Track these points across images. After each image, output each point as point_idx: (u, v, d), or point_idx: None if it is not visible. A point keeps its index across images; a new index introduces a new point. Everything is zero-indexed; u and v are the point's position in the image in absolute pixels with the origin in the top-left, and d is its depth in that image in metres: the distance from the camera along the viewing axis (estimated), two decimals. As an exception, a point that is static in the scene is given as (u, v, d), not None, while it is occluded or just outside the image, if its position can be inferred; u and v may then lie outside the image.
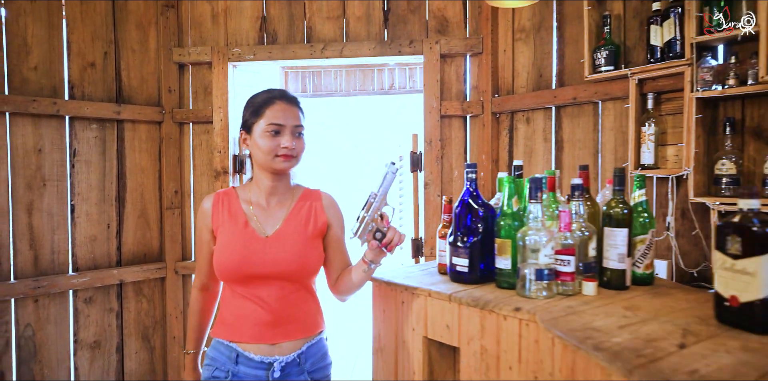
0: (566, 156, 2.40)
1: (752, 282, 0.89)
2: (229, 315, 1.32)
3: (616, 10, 2.17)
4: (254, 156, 1.33)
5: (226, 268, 1.30)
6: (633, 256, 1.30)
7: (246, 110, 1.35)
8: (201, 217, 1.38)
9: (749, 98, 1.79)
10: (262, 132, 1.29)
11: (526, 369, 1.08)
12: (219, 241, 1.32)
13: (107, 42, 2.67)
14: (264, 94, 1.35)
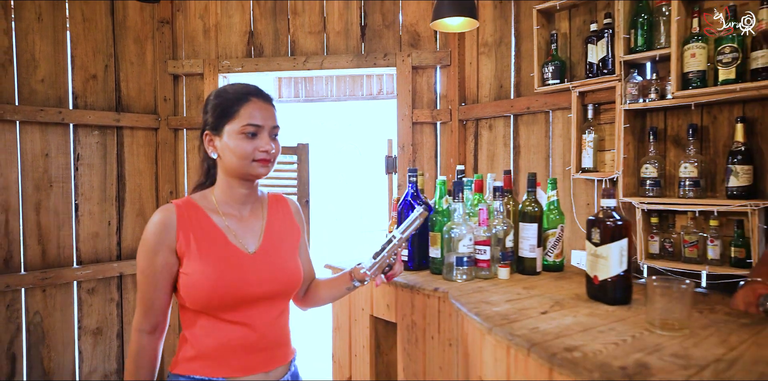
0: (522, 160, 2.64)
1: (606, 264, 1.14)
2: (208, 347, 1.10)
3: (562, 29, 2.42)
4: (225, 160, 1.14)
5: (215, 294, 1.09)
6: (544, 247, 1.55)
7: (213, 108, 1.15)
8: (158, 236, 1.09)
9: (670, 110, 2.03)
10: (237, 134, 1.11)
11: (443, 337, 1.33)
12: (195, 264, 1.09)
13: (108, 56, 2.93)
14: (236, 90, 1.16)
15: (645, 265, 2.06)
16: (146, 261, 1.10)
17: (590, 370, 0.76)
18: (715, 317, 1.04)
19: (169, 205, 1.15)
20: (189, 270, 1.10)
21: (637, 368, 0.76)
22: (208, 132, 1.17)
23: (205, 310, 1.11)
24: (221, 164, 1.17)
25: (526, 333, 0.94)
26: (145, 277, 1.11)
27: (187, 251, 1.10)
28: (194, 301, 1.09)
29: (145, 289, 1.11)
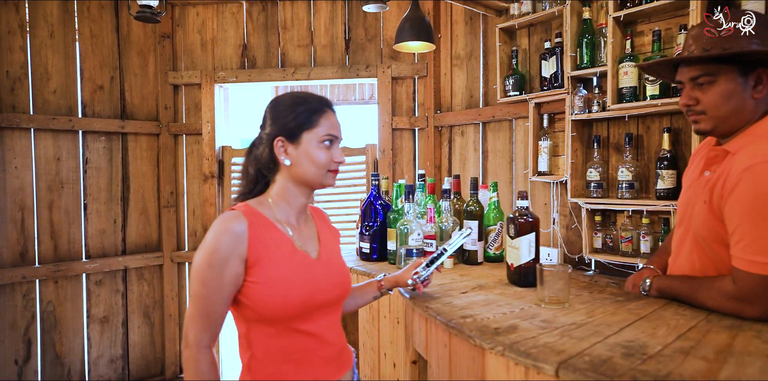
0: (490, 164, 2.89)
1: (518, 254, 1.39)
2: (287, 362, 1.07)
3: (522, 45, 2.66)
4: (299, 168, 1.12)
5: (290, 302, 1.06)
6: (486, 241, 1.80)
7: (290, 114, 1.12)
8: (230, 246, 1.03)
9: (611, 120, 2.28)
10: (317, 143, 1.11)
11: (392, 316, 1.58)
12: (268, 272, 1.06)
13: (113, 68, 3.20)
14: (314, 100, 1.15)
15: (591, 258, 2.31)
16: (213, 272, 1.01)
17: (471, 329, 1.01)
18: (599, 296, 1.29)
19: (236, 212, 1.07)
20: (261, 279, 1.04)
21: (506, 329, 1.01)
22: (282, 139, 1.12)
23: (277, 320, 1.06)
24: (290, 172, 1.13)
25: (439, 307, 1.19)
26: (210, 290, 1.02)
27: (258, 260, 1.05)
28: (268, 309, 1.04)
29: (209, 302, 1.02)
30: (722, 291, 1.07)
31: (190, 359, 1.02)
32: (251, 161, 1.17)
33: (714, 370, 0.78)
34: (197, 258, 1.04)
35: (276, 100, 1.17)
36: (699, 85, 1.15)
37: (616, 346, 0.89)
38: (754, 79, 1.12)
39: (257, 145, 1.17)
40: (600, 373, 0.78)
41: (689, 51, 1.17)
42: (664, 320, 1.05)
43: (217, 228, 1.05)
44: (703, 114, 1.16)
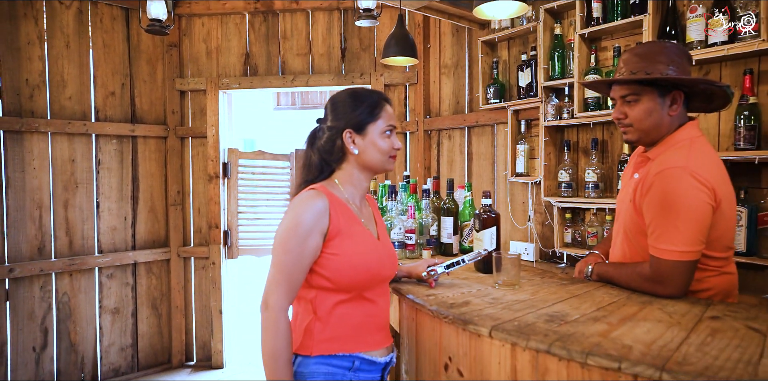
0: (474, 165, 3.11)
1: (482, 244, 1.60)
2: (346, 325, 1.20)
3: (503, 57, 2.88)
4: (366, 156, 1.25)
5: (365, 272, 1.20)
6: (461, 235, 2.01)
7: (355, 109, 1.25)
8: (314, 221, 1.15)
9: (580, 127, 2.49)
10: (380, 133, 1.25)
11: (376, 300, 1.80)
12: (346, 245, 1.18)
13: (124, 75, 3.42)
14: (373, 96, 1.28)
15: (563, 251, 2.53)
16: (297, 242, 1.13)
17: (432, 304, 1.23)
18: (549, 280, 1.50)
19: (316, 192, 1.20)
20: (339, 251, 1.17)
21: (461, 304, 1.23)
22: (351, 131, 1.24)
23: (346, 289, 1.19)
24: (358, 159, 1.26)
25: (410, 288, 1.41)
26: (293, 257, 1.13)
27: (337, 234, 1.18)
28: (344, 278, 1.17)
29: (292, 270, 1.13)
30: (641, 274, 1.29)
31: (270, 321, 1.12)
32: (315, 151, 1.29)
33: (610, 331, 0.99)
34: (282, 230, 1.16)
35: (337, 97, 1.29)
36: (627, 102, 1.36)
37: (543, 315, 1.11)
38: (670, 99, 1.33)
39: (319, 137, 1.29)
40: (521, 332, 0.99)
41: (620, 73, 1.38)
42: (593, 298, 1.27)
43: (301, 204, 1.16)
44: (631, 126, 1.37)
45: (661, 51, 1.32)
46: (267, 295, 1.14)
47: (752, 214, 1.88)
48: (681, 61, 1.32)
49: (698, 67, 2.06)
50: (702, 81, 1.31)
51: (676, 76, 1.30)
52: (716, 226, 1.26)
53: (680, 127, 1.35)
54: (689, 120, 1.37)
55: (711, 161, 1.28)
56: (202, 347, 3.63)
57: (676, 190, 1.22)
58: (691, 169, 1.22)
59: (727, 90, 1.32)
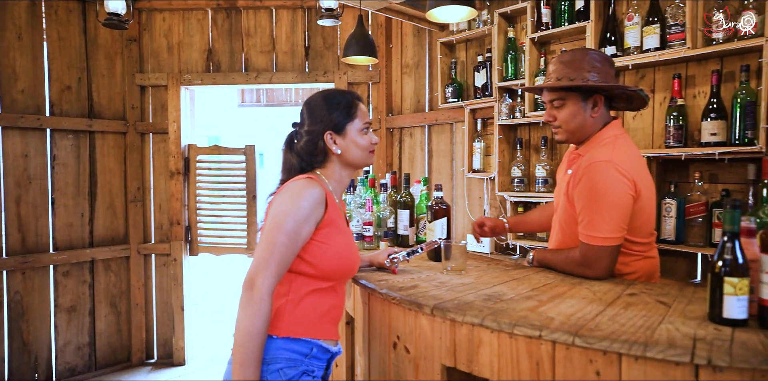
0: (434, 162, 3.22)
1: (433, 234, 1.69)
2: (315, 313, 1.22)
3: (461, 58, 2.99)
4: (348, 154, 1.30)
5: (348, 263, 1.26)
6: (417, 227, 2.10)
7: (333, 111, 1.29)
8: (312, 208, 1.18)
9: (531, 125, 2.63)
10: (359, 131, 1.30)
11: (333, 290, 1.87)
12: (337, 235, 1.23)
13: (81, 69, 3.36)
14: (347, 96, 1.33)
15: (516, 243, 2.66)
16: (295, 225, 1.15)
17: (382, 288, 1.31)
18: (495, 267, 1.61)
19: (314, 181, 1.23)
20: (328, 240, 1.21)
21: (409, 287, 1.31)
22: (331, 132, 1.28)
23: (329, 277, 1.23)
24: (341, 158, 1.31)
25: (364, 275, 1.49)
26: (289, 240, 1.14)
27: (329, 224, 1.22)
28: (328, 267, 1.21)
29: (285, 252, 1.14)
30: (573, 259, 1.41)
31: (253, 301, 1.09)
32: (294, 155, 1.32)
33: (539, 306, 1.10)
34: (281, 211, 1.16)
35: (312, 101, 1.33)
36: (555, 106, 1.49)
37: (482, 295, 1.21)
38: (591, 102, 1.47)
39: (298, 141, 1.33)
40: (459, 309, 1.09)
41: (549, 79, 1.50)
42: (530, 280, 1.38)
43: (302, 190, 1.19)
44: (560, 127, 1.50)
45: (584, 58, 1.45)
46: (254, 274, 1.12)
47: (681, 206, 2.05)
48: (602, 67, 1.45)
49: (635, 71, 2.23)
50: (617, 86, 1.45)
51: (594, 83, 1.42)
52: (639, 215, 1.40)
53: (605, 126, 1.48)
54: (612, 119, 1.51)
55: (632, 156, 1.41)
56: (163, 345, 3.60)
57: (601, 182, 1.34)
58: (614, 162, 1.35)
59: (641, 93, 1.46)
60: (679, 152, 1.98)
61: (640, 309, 1.08)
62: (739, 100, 1.87)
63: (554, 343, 0.95)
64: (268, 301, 1.11)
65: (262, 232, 1.18)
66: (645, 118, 2.21)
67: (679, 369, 0.86)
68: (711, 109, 1.94)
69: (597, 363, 0.92)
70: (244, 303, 1.11)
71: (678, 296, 1.21)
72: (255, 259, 1.15)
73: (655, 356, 0.86)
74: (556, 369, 0.96)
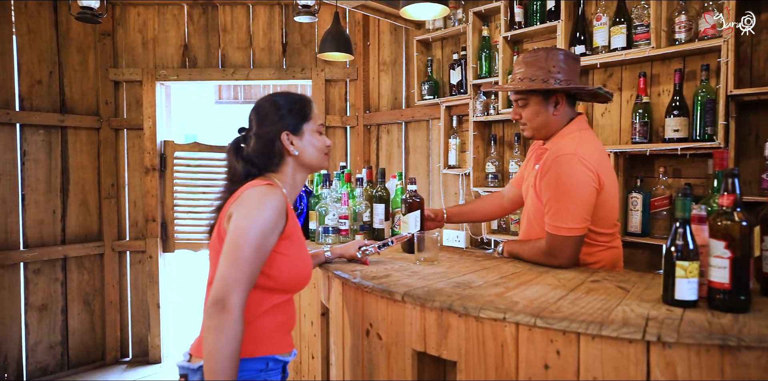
0: (411, 158, 3.26)
1: (407, 227, 1.73)
2: (270, 327, 1.18)
3: (437, 55, 3.04)
4: (305, 156, 1.27)
5: (306, 275, 1.23)
6: (393, 221, 2.14)
7: (289, 112, 1.25)
8: (278, 218, 1.12)
9: (505, 122, 2.69)
10: (314, 132, 1.28)
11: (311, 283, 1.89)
12: (296, 247, 1.20)
13: (52, 63, 3.30)
14: (301, 97, 1.30)
15: (490, 237, 2.72)
16: (263, 239, 1.09)
17: (355, 277, 1.34)
18: (467, 258, 1.65)
19: (276, 188, 1.17)
20: (287, 252, 1.16)
21: (382, 277, 1.35)
22: (288, 132, 1.24)
23: (287, 289, 1.19)
24: (297, 160, 1.27)
25: (338, 266, 1.51)
26: (258, 255, 1.09)
27: (290, 235, 1.17)
28: (289, 279, 1.17)
29: (254, 268, 1.08)
30: (539, 249, 1.46)
31: (229, 323, 1.02)
32: (241, 160, 1.26)
33: (505, 292, 1.14)
34: (248, 224, 1.08)
35: (264, 103, 1.28)
36: (520, 105, 1.55)
37: (452, 283, 1.25)
38: (553, 102, 1.53)
39: (248, 145, 1.26)
40: (429, 294, 1.13)
41: (513, 79, 1.56)
42: (499, 269, 1.43)
43: (265, 199, 1.12)
44: (525, 125, 1.56)
45: (547, 58, 1.50)
46: (225, 294, 1.04)
47: (646, 200, 2.13)
48: (566, 66, 1.50)
49: (603, 70, 2.30)
50: (574, 88, 1.51)
51: (552, 86, 1.48)
52: (602, 206, 1.46)
53: (570, 121, 1.55)
54: (577, 115, 1.57)
55: (596, 150, 1.47)
56: (138, 343, 3.57)
57: (567, 175, 1.40)
58: (580, 155, 1.41)
59: (599, 91, 1.53)
60: (645, 148, 2.06)
61: (600, 293, 1.13)
62: (700, 98, 1.95)
63: (517, 324, 0.99)
64: (242, 321, 1.05)
65: (225, 245, 1.09)
66: (613, 115, 2.29)
67: (632, 346, 0.91)
68: (674, 106, 2.02)
69: (557, 343, 0.97)
70: (218, 327, 1.02)
71: (638, 282, 1.27)
72: (222, 277, 1.05)
73: (610, 334, 0.91)
74: (520, 350, 1.01)
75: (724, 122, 1.86)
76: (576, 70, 1.53)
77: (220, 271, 1.07)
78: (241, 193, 1.16)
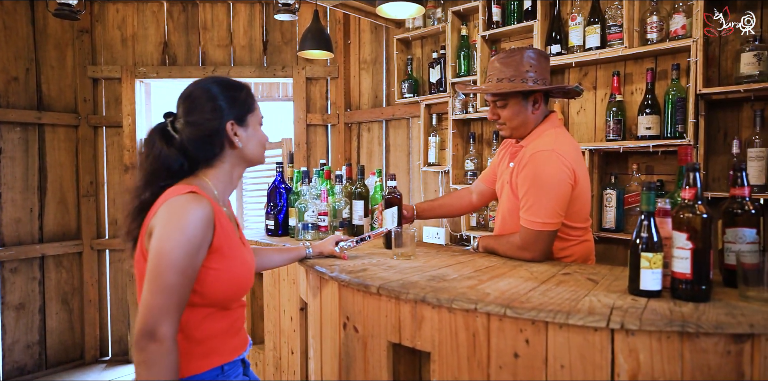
0: (392, 156, 3.28)
1: (386, 222, 1.76)
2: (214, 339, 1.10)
3: (417, 54, 3.07)
4: (248, 148, 1.16)
5: (243, 286, 1.13)
6: (372, 218, 2.16)
7: (236, 99, 1.14)
8: (203, 232, 1.01)
9: (484, 120, 2.73)
10: (257, 124, 1.19)
11: (290, 278, 1.90)
12: (227, 258, 1.08)
13: (29, 60, 3.25)
14: (243, 86, 1.19)
15: (469, 234, 2.76)
16: (190, 259, 0.99)
17: (333, 271, 1.36)
18: (444, 253, 1.68)
19: (197, 196, 1.04)
20: (219, 266, 1.05)
21: (359, 270, 1.37)
22: (233, 122, 1.13)
23: (219, 303, 1.09)
24: (239, 153, 1.16)
25: (316, 261, 1.53)
26: (186, 279, 0.99)
27: (220, 246, 1.06)
28: (219, 293, 1.07)
29: (184, 291, 0.99)
30: (513, 243, 1.50)
31: (161, 354, 0.95)
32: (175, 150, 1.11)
33: (478, 285, 1.17)
34: (169, 245, 0.97)
35: (204, 88, 1.13)
36: (498, 106, 1.58)
37: (427, 276, 1.28)
38: (532, 101, 1.56)
39: (181, 133, 1.12)
40: (403, 287, 1.15)
41: (489, 80, 1.59)
42: (475, 263, 1.46)
43: (187, 212, 1.00)
44: (504, 125, 1.59)
45: (521, 58, 1.53)
46: (153, 324, 0.95)
47: (620, 196, 2.19)
48: (538, 64, 1.54)
49: (578, 69, 2.35)
50: (555, 87, 1.55)
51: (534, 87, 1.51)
52: (576, 201, 1.50)
53: (544, 118, 1.58)
54: (550, 112, 1.61)
55: (572, 146, 1.51)
56: (118, 341, 3.53)
57: (544, 170, 1.43)
58: (557, 152, 1.44)
59: (576, 89, 1.57)
60: (618, 145, 2.11)
61: (570, 285, 1.17)
62: (671, 97, 2.01)
63: (488, 315, 1.02)
64: (175, 348, 0.98)
65: (148, 269, 0.98)
66: (588, 114, 2.35)
67: (597, 334, 0.95)
68: (646, 104, 2.07)
69: (526, 332, 1.00)
70: (149, 360, 0.95)
71: (607, 275, 1.31)
72: (148, 307, 0.96)
73: (576, 323, 0.94)
74: (491, 339, 1.03)
75: (694, 120, 1.92)
76: (548, 68, 1.57)
77: (144, 299, 0.97)
78: (160, 205, 1.03)
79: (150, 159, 1.11)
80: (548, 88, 1.53)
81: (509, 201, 1.59)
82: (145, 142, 1.14)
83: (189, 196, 1.02)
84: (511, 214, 1.58)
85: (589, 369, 0.96)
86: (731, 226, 1.15)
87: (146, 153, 1.13)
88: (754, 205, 1.14)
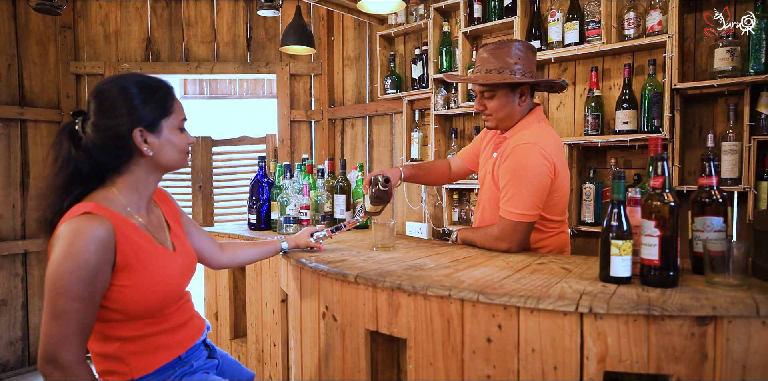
0: (375, 152, 3.30)
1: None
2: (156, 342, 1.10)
3: (399, 50, 3.09)
4: (161, 156, 1.09)
5: (160, 300, 1.09)
6: (354, 212, 2.17)
7: (146, 103, 1.06)
8: (100, 254, 0.97)
9: (465, 115, 2.76)
10: (174, 129, 1.11)
11: (272, 272, 1.91)
12: (138, 275, 1.04)
13: (11, 56, 3.21)
14: (162, 85, 1.12)
15: (451, 229, 2.78)
16: (85, 285, 0.95)
17: (311, 262, 1.38)
18: (423, 245, 1.70)
19: (95, 216, 0.99)
20: (131, 282, 1.02)
21: (338, 261, 1.38)
22: (142, 129, 1.06)
23: (145, 315, 1.07)
24: (151, 161, 1.09)
25: (296, 253, 1.54)
26: (83, 303, 0.95)
27: (127, 264, 1.02)
28: (138, 309, 1.04)
29: (83, 316, 0.96)
30: (491, 234, 1.52)
31: (76, 377, 0.94)
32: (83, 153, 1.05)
33: (453, 273, 1.20)
34: (60, 272, 0.94)
35: (114, 86, 1.06)
36: (486, 97, 1.59)
37: (404, 266, 1.30)
38: (519, 93, 1.58)
39: (87, 137, 1.05)
40: (380, 275, 1.17)
41: (477, 71, 1.60)
42: (453, 254, 1.48)
43: (79, 237, 0.95)
44: (490, 116, 1.61)
45: (509, 51, 1.56)
46: (53, 352, 0.93)
47: (599, 190, 2.23)
48: (525, 56, 1.56)
49: (558, 64, 2.39)
50: (543, 81, 1.58)
51: (523, 79, 1.53)
52: (555, 194, 1.53)
53: (529, 111, 1.61)
54: (536, 106, 1.64)
55: (553, 140, 1.54)
56: (102, 340, 3.50)
57: (526, 163, 1.46)
58: (539, 145, 1.47)
59: (563, 83, 1.60)
60: (597, 140, 2.15)
61: (544, 273, 1.20)
62: (647, 92, 2.05)
63: (462, 301, 1.04)
64: (84, 370, 0.96)
65: (45, 294, 0.96)
66: (567, 109, 2.38)
67: (566, 318, 0.97)
68: (623, 99, 2.11)
69: (499, 317, 1.02)
70: None
71: (581, 264, 1.34)
72: (46, 334, 0.94)
73: (546, 307, 0.97)
74: (465, 325, 1.06)
75: (670, 115, 1.96)
76: (534, 61, 1.59)
77: (42, 326, 0.95)
78: (58, 228, 0.99)
79: (59, 162, 1.05)
80: (536, 81, 1.56)
81: (490, 191, 1.61)
82: (53, 144, 1.07)
83: (82, 219, 0.98)
84: (491, 204, 1.60)
85: (559, 352, 0.98)
86: (700, 214, 1.18)
87: (54, 155, 1.06)
88: (722, 195, 1.18)
